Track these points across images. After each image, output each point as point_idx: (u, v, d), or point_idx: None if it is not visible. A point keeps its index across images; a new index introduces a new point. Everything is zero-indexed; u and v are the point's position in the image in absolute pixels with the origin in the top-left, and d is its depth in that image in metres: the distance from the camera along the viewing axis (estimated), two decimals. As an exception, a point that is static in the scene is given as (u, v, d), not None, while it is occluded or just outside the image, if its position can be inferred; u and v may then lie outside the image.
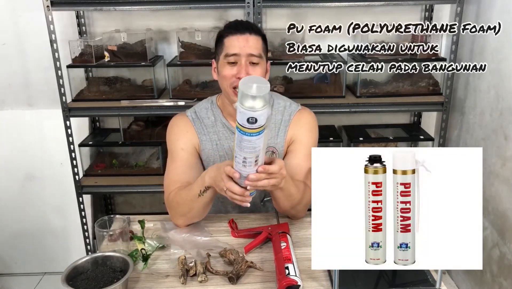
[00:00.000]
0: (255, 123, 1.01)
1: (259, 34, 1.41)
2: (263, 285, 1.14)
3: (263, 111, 1.00)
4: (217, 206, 1.64)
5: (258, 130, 1.02)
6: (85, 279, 1.10)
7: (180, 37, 2.18)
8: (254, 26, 1.43)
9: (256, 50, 1.37)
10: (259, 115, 1.00)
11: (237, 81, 1.37)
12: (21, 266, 2.63)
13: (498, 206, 1.95)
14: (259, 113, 0.99)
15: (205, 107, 1.54)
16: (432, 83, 2.23)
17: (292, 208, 1.38)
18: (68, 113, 2.11)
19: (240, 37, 1.37)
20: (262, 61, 1.40)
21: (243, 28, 1.39)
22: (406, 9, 2.31)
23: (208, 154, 1.52)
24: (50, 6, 1.94)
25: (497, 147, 1.96)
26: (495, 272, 1.99)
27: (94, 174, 2.31)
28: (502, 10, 1.91)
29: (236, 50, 1.37)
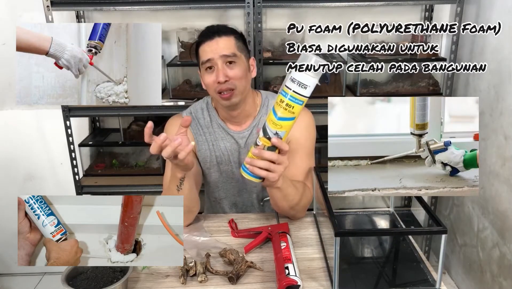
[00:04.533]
0: (306, 89, 1.07)
1: (231, 33, 1.41)
2: (263, 285, 1.14)
3: (315, 80, 1.08)
4: (214, 207, 1.64)
5: (303, 99, 1.09)
6: (85, 279, 1.10)
7: (180, 37, 2.18)
8: (224, 27, 1.43)
9: (228, 50, 1.37)
10: (313, 83, 1.07)
11: (219, 86, 1.38)
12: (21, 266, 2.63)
13: (498, 206, 1.95)
14: (313, 80, 1.07)
15: (200, 107, 1.55)
16: (432, 83, 2.23)
17: (291, 209, 1.37)
18: (68, 113, 2.11)
19: (210, 42, 1.38)
20: (239, 60, 1.39)
21: (212, 33, 1.39)
22: (406, 9, 2.31)
23: (205, 154, 1.52)
24: (50, 6, 1.94)
25: (497, 147, 1.96)
26: (495, 272, 1.99)
27: (94, 174, 2.30)
28: (502, 10, 1.91)
29: (209, 56, 1.37)
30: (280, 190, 1.28)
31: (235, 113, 1.47)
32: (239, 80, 1.39)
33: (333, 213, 1.10)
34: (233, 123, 1.51)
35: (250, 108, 1.50)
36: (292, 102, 1.08)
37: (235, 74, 1.38)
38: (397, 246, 1.30)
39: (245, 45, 1.46)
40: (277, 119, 1.10)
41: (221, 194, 1.59)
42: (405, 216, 1.44)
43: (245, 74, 1.42)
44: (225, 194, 1.59)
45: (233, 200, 1.60)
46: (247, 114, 1.50)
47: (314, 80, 1.07)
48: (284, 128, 1.12)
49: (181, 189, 1.29)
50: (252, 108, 1.51)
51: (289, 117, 1.10)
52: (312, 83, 1.08)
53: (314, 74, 1.07)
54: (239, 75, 1.39)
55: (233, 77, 1.38)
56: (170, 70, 2.18)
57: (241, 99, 1.43)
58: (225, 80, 1.37)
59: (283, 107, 1.09)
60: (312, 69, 1.06)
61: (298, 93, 1.07)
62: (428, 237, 2.40)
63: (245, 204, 1.60)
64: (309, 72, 1.06)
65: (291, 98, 1.08)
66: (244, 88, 1.42)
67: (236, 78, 1.38)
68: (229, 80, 1.37)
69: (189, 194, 1.32)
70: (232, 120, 1.51)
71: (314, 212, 1.47)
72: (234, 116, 1.48)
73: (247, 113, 1.50)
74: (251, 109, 1.51)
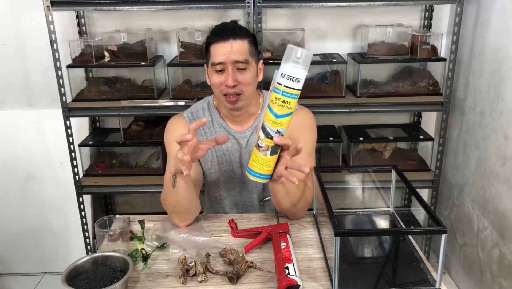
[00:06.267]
0: (298, 83, 1.06)
1: (245, 36, 1.39)
2: (263, 285, 1.14)
3: (305, 72, 1.06)
4: (215, 207, 1.64)
5: (296, 93, 1.08)
6: (85, 279, 1.10)
7: (180, 37, 2.18)
8: (239, 29, 1.41)
9: (241, 56, 1.36)
10: (303, 75, 1.06)
11: (226, 89, 1.38)
12: (21, 266, 2.63)
13: (498, 206, 1.95)
14: (303, 72, 1.06)
15: (202, 107, 1.55)
16: (432, 83, 2.23)
17: (292, 206, 1.37)
18: (68, 113, 2.11)
19: (224, 44, 1.36)
20: (249, 66, 1.39)
21: (227, 34, 1.37)
22: (406, 9, 2.31)
23: (206, 154, 1.52)
24: (50, 6, 1.94)
25: (497, 147, 1.96)
26: (495, 272, 1.99)
27: (94, 174, 2.31)
28: (502, 10, 1.91)
29: (221, 59, 1.36)
30: (284, 184, 1.28)
31: (238, 113, 1.47)
32: (247, 86, 1.39)
33: (333, 213, 1.10)
34: (234, 123, 1.51)
35: (253, 108, 1.50)
36: (287, 98, 1.08)
37: (244, 80, 1.38)
38: (397, 246, 1.30)
39: (257, 49, 1.45)
40: (276, 117, 1.10)
41: (222, 194, 1.59)
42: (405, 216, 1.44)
43: (254, 79, 1.42)
44: (226, 194, 1.59)
45: (234, 200, 1.60)
46: (249, 114, 1.51)
47: (304, 72, 1.07)
48: (284, 125, 1.12)
49: (175, 186, 1.30)
50: (254, 108, 1.51)
51: (287, 113, 1.10)
52: (302, 75, 1.07)
53: (304, 66, 1.06)
54: (248, 81, 1.39)
55: (242, 82, 1.38)
56: (170, 70, 2.18)
57: (246, 103, 1.43)
58: (233, 85, 1.36)
59: (280, 104, 1.08)
60: (301, 62, 1.05)
61: (291, 87, 1.07)
62: (428, 237, 2.40)
63: (245, 204, 1.60)
64: (298, 64, 1.05)
65: (286, 94, 1.07)
66: (250, 93, 1.42)
67: (245, 84, 1.38)
68: (238, 85, 1.37)
69: (184, 194, 1.32)
70: (233, 120, 1.51)
71: (314, 212, 1.47)
72: (237, 116, 1.49)
73: (249, 114, 1.50)
74: (254, 109, 1.51)
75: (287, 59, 1.06)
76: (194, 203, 1.38)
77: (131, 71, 2.34)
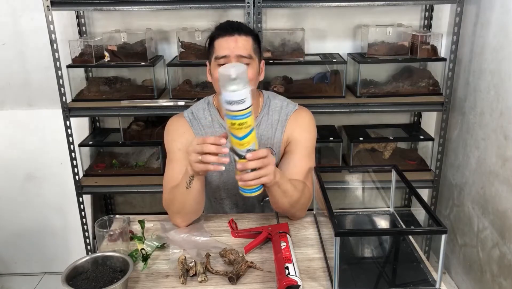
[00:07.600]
0: (244, 102, 1.06)
1: (250, 34, 1.40)
2: (263, 285, 1.14)
3: (246, 89, 1.06)
4: (215, 207, 1.64)
5: (248, 111, 1.08)
6: (85, 279, 1.10)
7: (180, 37, 2.18)
8: (244, 26, 1.42)
9: (245, 51, 1.36)
10: (245, 93, 1.06)
11: None
12: (21, 266, 2.63)
13: (498, 206, 1.95)
14: (244, 91, 1.05)
15: (202, 107, 1.54)
16: (432, 83, 2.23)
17: (291, 206, 1.37)
18: (68, 113, 2.11)
19: (229, 38, 1.36)
20: (253, 62, 1.39)
21: (232, 29, 1.37)
22: (406, 9, 2.31)
23: None
24: (50, 6, 1.94)
25: (497, 147, 1.96)
26: (495, 272, 1.99)
27: (94, 174, 2.31)
28: (502, 10, 1.91)
29: (225, 52, 1.36)
30: (279, 185, 1.28)
31: None
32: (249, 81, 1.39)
33: (333, 213, 1.10)
34: None
35: (253, 108, 1.50)
36: (242, 119, 1.08)
37: (248, 75, 1.38)
38: (397, 246, 1.30)
39: (260, 48, 1.46)
40: (240, 140, 1.11)
41: (222, 194, 1.59)
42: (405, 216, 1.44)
43: (256, 77, 1.42)
44: (226, 194, 1.59)
45: (234, 200, 1.60)
46: None
47: (245, 89, 1.06)
48: (251, 142, 1.13)
49: (190, 187, 1.29)
50: (255, 108, 1.51)
51: (248, 132, 1.11)
52: (244, 94, 1.06)
53: (242, 83, 1.06)
54: (251, 77, 1.38)
55: None
56: (170, 70, 2.18)
57: None
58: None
59: (237, 128, 1.09)
60: (237, 81, 1.04)
61: (240, 110, 1.07)
62: (428, 237, 2.40)
63: (245, 204, 1.60)
64: (236, 85, 1.05)
65: (239, 117, 1.08)
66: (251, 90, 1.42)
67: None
68: None
69: (197, 195, 1.33)
70: None
71: (314, 212, 1.47)
72: None
73: None
74: (254, 109, 1.50)
75: (224, 86, 1.06)
76: (202, 204, 1.39)
77: (131, 71, 2.34)
